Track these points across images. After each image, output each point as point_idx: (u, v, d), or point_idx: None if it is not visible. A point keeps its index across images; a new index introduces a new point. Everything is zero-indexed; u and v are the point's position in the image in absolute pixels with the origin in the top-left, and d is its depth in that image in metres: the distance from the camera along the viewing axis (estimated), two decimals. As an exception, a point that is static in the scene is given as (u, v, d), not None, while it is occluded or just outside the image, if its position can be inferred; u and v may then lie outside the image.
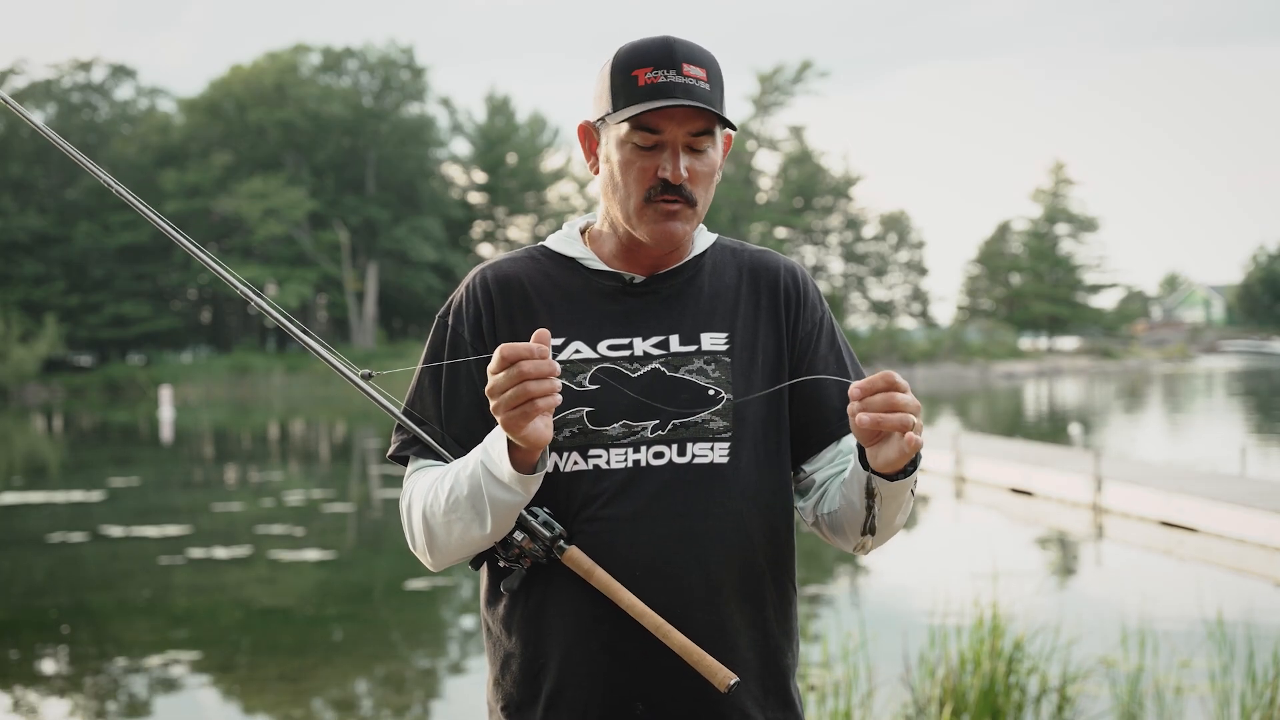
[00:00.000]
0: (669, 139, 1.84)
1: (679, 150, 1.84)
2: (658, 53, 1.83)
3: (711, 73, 1.85)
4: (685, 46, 1.85)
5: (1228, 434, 22.55)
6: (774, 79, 66.77)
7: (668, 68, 1.82)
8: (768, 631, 1.91)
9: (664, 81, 1.81)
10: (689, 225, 1.88)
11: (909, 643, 5.67)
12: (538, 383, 1.65)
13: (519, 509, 1.78)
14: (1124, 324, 77.64)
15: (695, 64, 1.83)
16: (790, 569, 1.96)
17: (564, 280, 1.95)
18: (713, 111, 1.83)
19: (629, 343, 1.91)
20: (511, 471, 1.74)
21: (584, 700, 1.85)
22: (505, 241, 67.91)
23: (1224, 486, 12.40)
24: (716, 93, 1.85)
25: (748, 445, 1.89)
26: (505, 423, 1.68)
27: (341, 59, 62.87)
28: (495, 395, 1.68)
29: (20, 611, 9.64)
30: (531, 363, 1.65)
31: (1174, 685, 5.83)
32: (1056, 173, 74.14)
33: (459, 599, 9.61)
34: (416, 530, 1.88)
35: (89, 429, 33.48)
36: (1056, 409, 33.18)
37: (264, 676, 7.43)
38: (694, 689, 1.83)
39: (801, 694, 2.00)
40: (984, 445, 17.42)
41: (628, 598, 1.80)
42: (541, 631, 1.87)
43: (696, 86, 1.82)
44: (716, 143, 1.88)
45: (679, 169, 1.83)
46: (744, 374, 1.91)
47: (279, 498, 16.06)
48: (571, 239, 1.99)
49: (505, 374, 1.66)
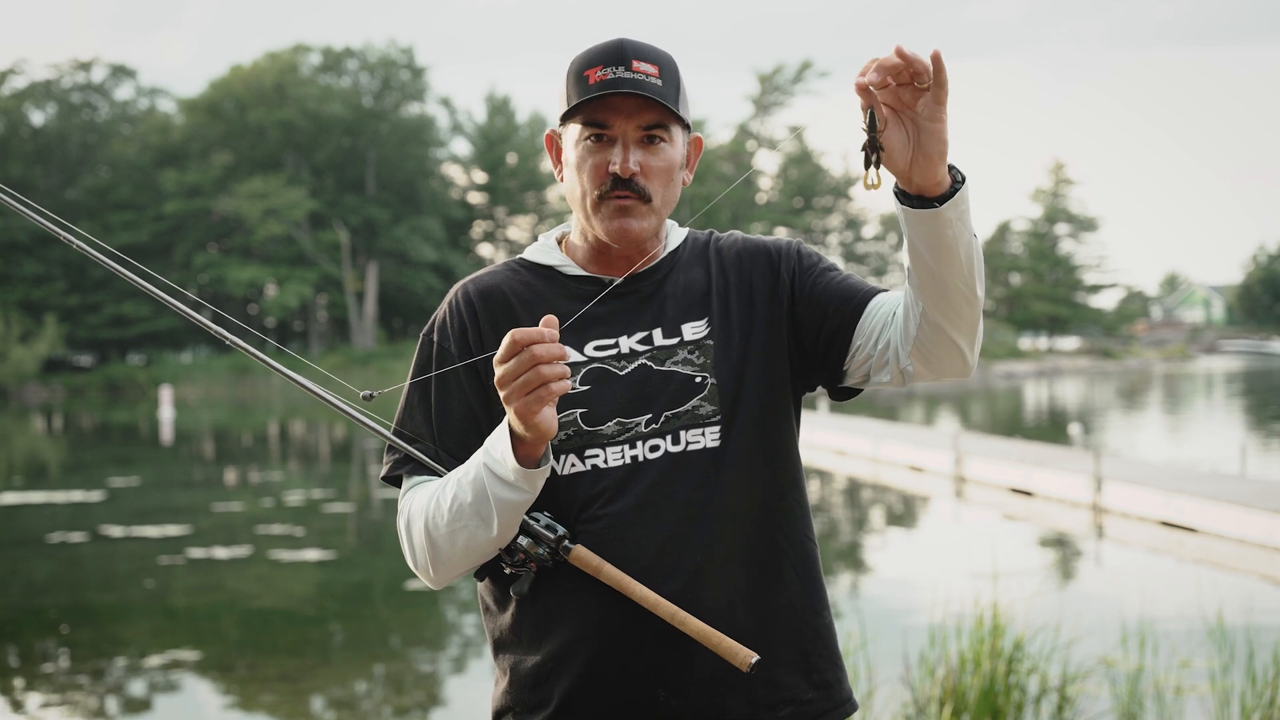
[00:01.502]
0: (619, 133, 1.85)
1: (629, 144, 1.85)
2: (609, 52, 1.85)
3: (665, 70, 1.86)
4: (637, 46, 1.86)
5: (1227, 434, 22.54)
6: (774, 79, 66.77)
7: (617, 64, 1.83)
8: (791, 595, 1.92)
9: (612, 78, 1.82)
10: (645, 222, 1.88)
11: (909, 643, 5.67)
12: (550, 366, 1.65)
13: (525, 508, 1.78)
14: (1124, 324, 77.62)
15: (646, 61, 1.84)
16: (805, 527, 1.97)
17: (544, 289, 1.96)
18: (661, 103, 1.83)
19: (614, 342, 1.92)
20: (517, 467, 1.73)
21: (605, 697, 1.85)
22: (505, 241, 67.92)
23: (1224, 486, 12.39)
24: (670, 89, 1.85)
25: (740, 423, 1.90)
26: (519, 410, 1.67)
27: (341, 59, 62.87)
28: (507, 383, 1.67)
29: (20, 611, 9.63)
30: (543, 346, 1.65)
31: (1174, 685, 5.83)
32: (1056, 173, 74.12)
33: (459, 599, 9.60)
34: (418, 546, 1.87)
35: (89, 429, 33.47)
36: (1056, 409, 33.17)
37: (264, 676, 7.43)
38: (712, 671, 1.84)
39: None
40: (984, 445, 17.41)
41: (639, 590, 1.80)
42: (552, 634, 1.87)
43: (646, 81, 1.83)
44: (674, 138, 1.88)
45: (628, 161, 1.84)
46: (725, 355, 1.92)
47: (279, 498, 16.05)
48: (548, 249, 2.00)
49: (517, 360, 1.65)
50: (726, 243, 2.03)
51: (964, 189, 1.68)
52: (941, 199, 1.67)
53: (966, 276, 1.74)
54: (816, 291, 1.94)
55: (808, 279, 1.96)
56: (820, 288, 1.94)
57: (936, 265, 1.71)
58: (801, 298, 1.95)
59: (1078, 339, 74.46)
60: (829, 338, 1.93)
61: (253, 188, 56.68)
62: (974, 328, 1.80)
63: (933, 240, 1.69)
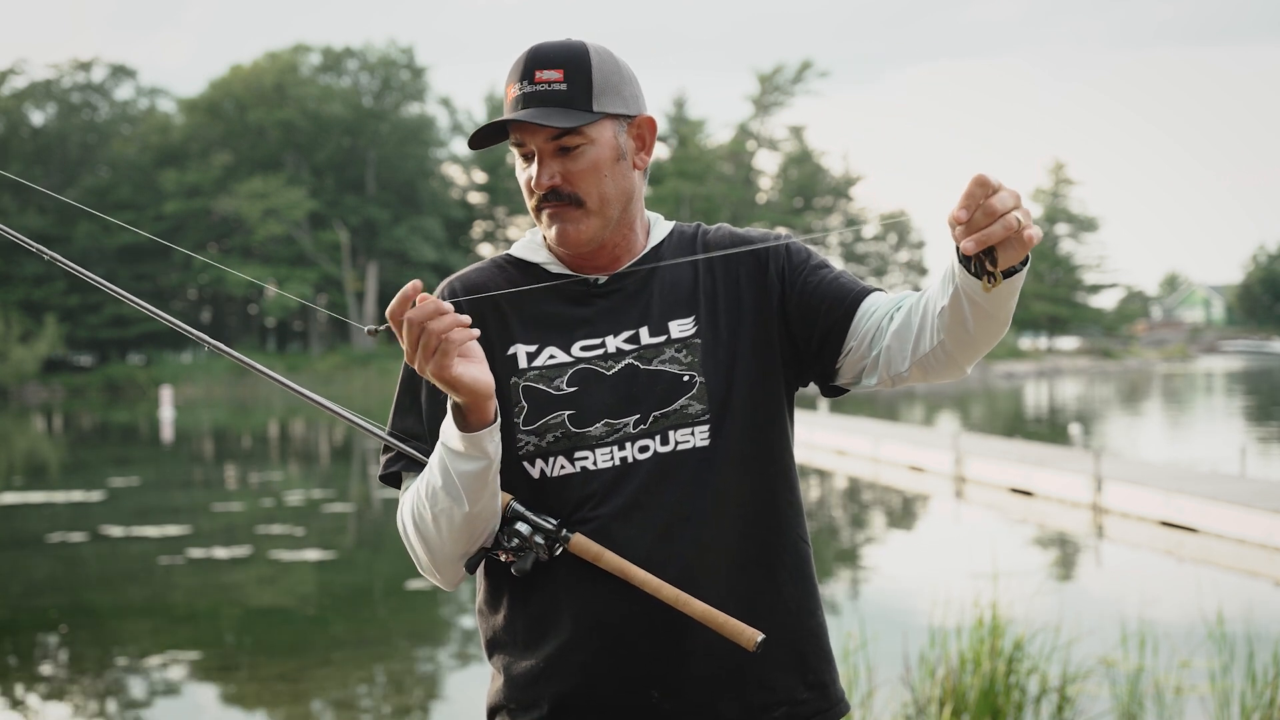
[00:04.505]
0: (536, 148, 1.87)
1: (544, 158, 1.87)
2: (517, 66, 1.88)
3: (572, 70, 1.85)
4: (546, 51, 1.86)
5: (1228, 434, 22.55)
6: (774, 79, 66.77)
7: (521, 79, 1.86)
8: (785, 595, 1.91)
9: (516, 95, 1.86)
10: (582, 225, 1.89)
11: (909, 643, 5.66)
12: (435, 321, 1.68)
13: (488, 474, 1.78)
14: (1124, 324, 77.64)
15: (550, 67, 1.85)
16: (798, 527, 1.96)
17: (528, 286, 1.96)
18: (541, 123, 1.82)
19: (601, 342, 1.91)
20: (462, 435, 1.75)
21: (598, 697, 1.85)
22: (505, 241, 67.89)
23: (1224, 486, 12.39)
24: (575, 89, 1.85)
25: (729, 421, 1.89)
26: (435, 373, 1.70)
27: (341, 59, 62.87)
28: (413, 359, 1.70)
29: (20, 611, 9.63)
30: (414, 311, 1.68)
31: (1174, 685, 5.82)
32: (1056, 173, 74.14)
33: (459, 599, 9.60)
34: (416, 544, 1.88)
35: (89, 429, 33.48)
36: (1056, 409, 33.17)
37: (264, 677, 7.43)
38: (706, 672, 1.84)
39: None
40: (984, 445, 17.41)
41: (640, 574, 1.80)
42: (546, 634, 1.87)
43: (549, 90, 1.84)
44: (596, 136, 1.87)
45: (541, 177, 1.87)
46: (713, 353, 1.91)
47: (279, 498, 16.05)
48: (535, 245, 2.00)
49: (406, 335, 1.69)
50: (714, 236, 2.01)
51: (1025, 268, 1.67)
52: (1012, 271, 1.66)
53: (998, 332, 1.78)
54: (808, 290, 1.93)
55: (798, 277, 1.94)
56: (812, 286, 1.93)
57: (976, 326, 1.75)
58: (792, 296, 1.94)
59: (1078, 339, 74.47)
60: (821, 338, 1.92)
61: (253, 188, 56.69)
62: (984, 353, 1.85)
63: (983, 305, 1.71)
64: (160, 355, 58.41)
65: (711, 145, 65.17)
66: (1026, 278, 1.68)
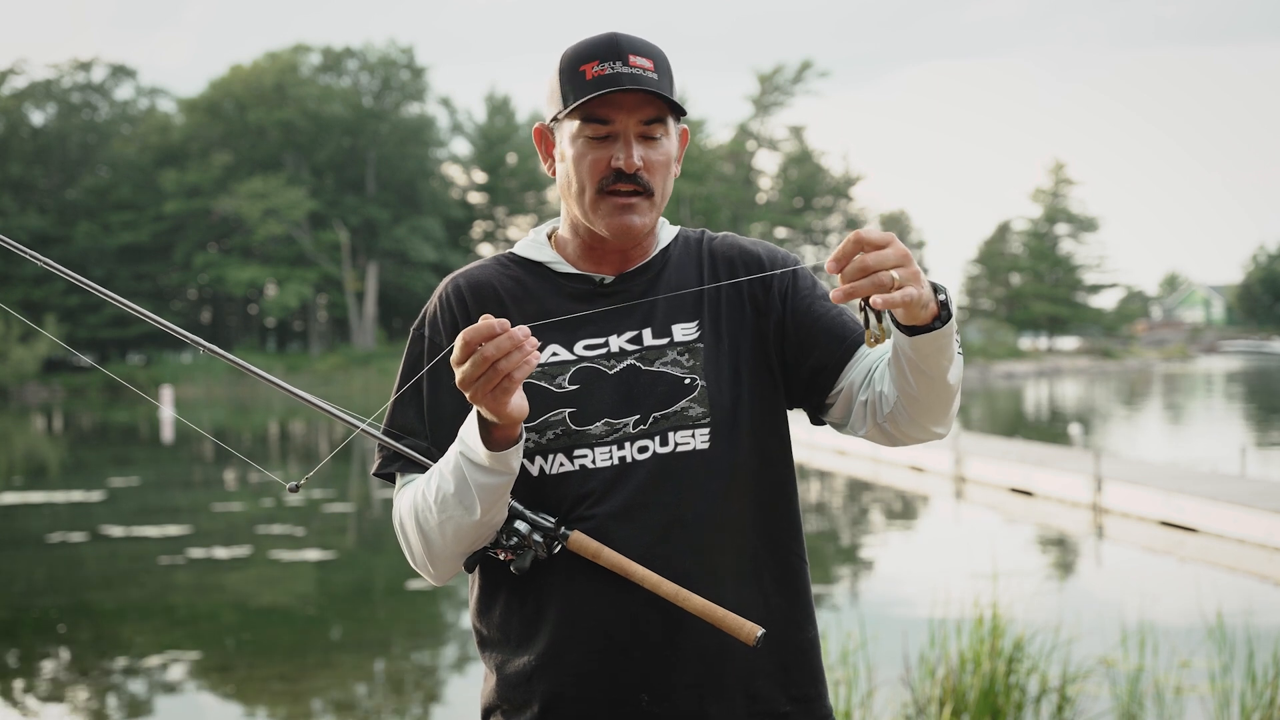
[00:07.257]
0: (620, 128, 1.84)
1: (631, 139, 1.84)
2: (603, 47, 1.84)
3: (659, 64, 1.86)
4: (630, 40, 1.86)
5: (1228, 434, 22.54)
6: (774, 79, 66.72)
7: (614, 59, 1.83)
8: (773, 607, 1.91)
9: (611, 73, 1.82)
10: (646, 218, 1.88)
11: (909, 643, 5.67)
12: (507, 359, 1.65)
13: (507, 489, 1.78)
14: (1124, 324, 77.62)
15: (641, 55, 1.84)
16: (792, 542, 1.96)
17: (535, 285, 1.95)
18: (662, 96, 1.83)
19: (604, 341, 1.91)
20: (490, 453, 1.74)
21: (588, 697, 1.85)
22: (505, 241, 67.84)
23: (1224, 486, 12.39)
24: (665, 82, 1.85)
25: (729, 426, 1.89)
26: (486, 405, 1.68)
27: (341, 59, 62.85)
28: (469, 384, 1.67)
29: (20, 611, 9.63)
30: (493, 343, 1.64)
31: (1174, 685, 5.82)
32: (1056, 173, 74.12)
33: (459, 599, 9.60)
34: (414, 541, 1.87)
35: (89, 429, 33.48)
36: (1056, 409, 33.17)
37: (263, 677, 7.43)
38: (697, 677, 1.84)
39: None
40: (984, 445, 17.42)
41: (639, 570, 1.80)
42: (539, 634, 1.87)
43: (644, 75, 1.83)
44: (670, 132, 1.88)
45: (632, 157, 1.84)
46: (715, 358, 1.92)
47: (279, 498, 16.05)
48: (539, 244, 2.00)
49: (471, 363, 1.65)
50: (720, 245, 2.02)
51: (946, 326, 1.69)
52: (927, 328, 1.69)
53: (941, 393, 1.78)
54: (810, 319, 1.93)
55: (801, 303, 1.95)
56: (814, 316, 1.93)
57: (916, 383, 1.76)
58: (790, 319, 1.94)
59: (1078, 339, 74.44)
60: (814, 370, 1.93)
61: (253, 188, 56.67)
62: (945, 416, 1.84)
63: (914, 359, 1.73)
64: (160, 355, 58.39)
65: (711, 145, 65.11)
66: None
